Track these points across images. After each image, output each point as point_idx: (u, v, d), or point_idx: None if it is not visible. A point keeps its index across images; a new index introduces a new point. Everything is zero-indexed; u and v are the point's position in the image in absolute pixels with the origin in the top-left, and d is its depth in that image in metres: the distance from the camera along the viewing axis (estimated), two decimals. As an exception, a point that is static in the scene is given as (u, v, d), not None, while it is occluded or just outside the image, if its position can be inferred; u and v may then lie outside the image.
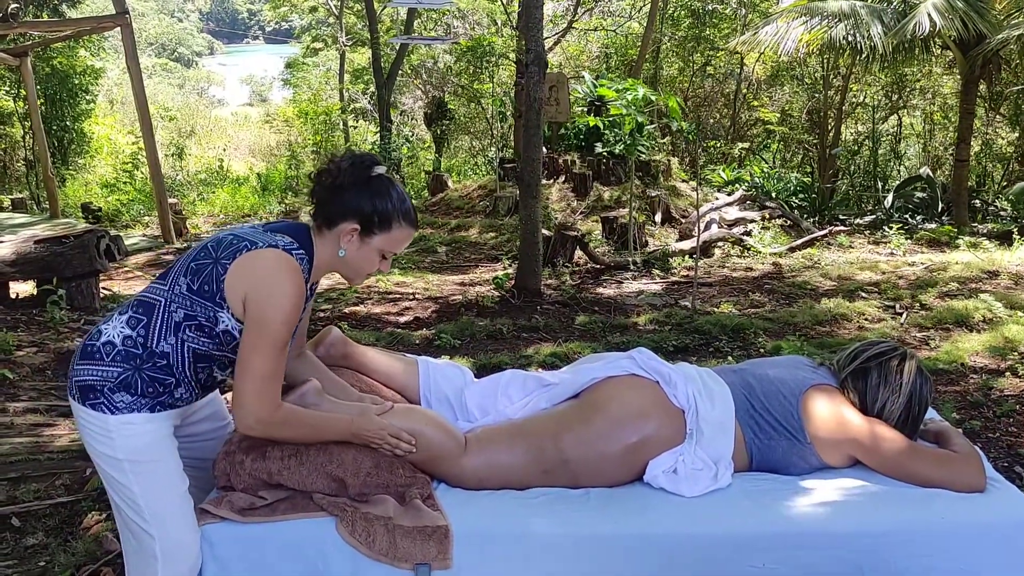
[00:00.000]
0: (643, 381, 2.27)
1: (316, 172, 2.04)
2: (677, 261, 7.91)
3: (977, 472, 2.13)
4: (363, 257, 2.02)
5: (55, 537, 2.98)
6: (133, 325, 1.95)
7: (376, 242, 2.00)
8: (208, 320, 1.93)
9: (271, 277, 1.89)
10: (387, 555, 1.98)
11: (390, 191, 2.00)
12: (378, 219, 1.98)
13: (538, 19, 6.20)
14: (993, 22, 9.49)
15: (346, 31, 18.05)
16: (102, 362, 1.93)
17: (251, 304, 1.89)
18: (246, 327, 1.90)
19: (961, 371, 4.45)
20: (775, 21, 10.65)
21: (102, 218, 10.80)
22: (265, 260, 1.91)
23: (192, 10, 59.48)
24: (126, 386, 1.92)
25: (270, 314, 1.88)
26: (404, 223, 2.02)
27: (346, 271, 2.06)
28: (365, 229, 1.99)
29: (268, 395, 1.91)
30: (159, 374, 1.94)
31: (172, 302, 1.94)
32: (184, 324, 1.93)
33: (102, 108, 17.07)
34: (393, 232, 2.01)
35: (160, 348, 1.93)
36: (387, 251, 2.03)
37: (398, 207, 2.00)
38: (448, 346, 5.14)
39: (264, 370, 1.89)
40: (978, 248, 8.31)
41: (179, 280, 1.94)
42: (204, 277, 1.92)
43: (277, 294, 1.89)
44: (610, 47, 15.77)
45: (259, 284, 1.89)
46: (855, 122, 14.04)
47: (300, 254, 1.95)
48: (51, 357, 4.92)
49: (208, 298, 1.92)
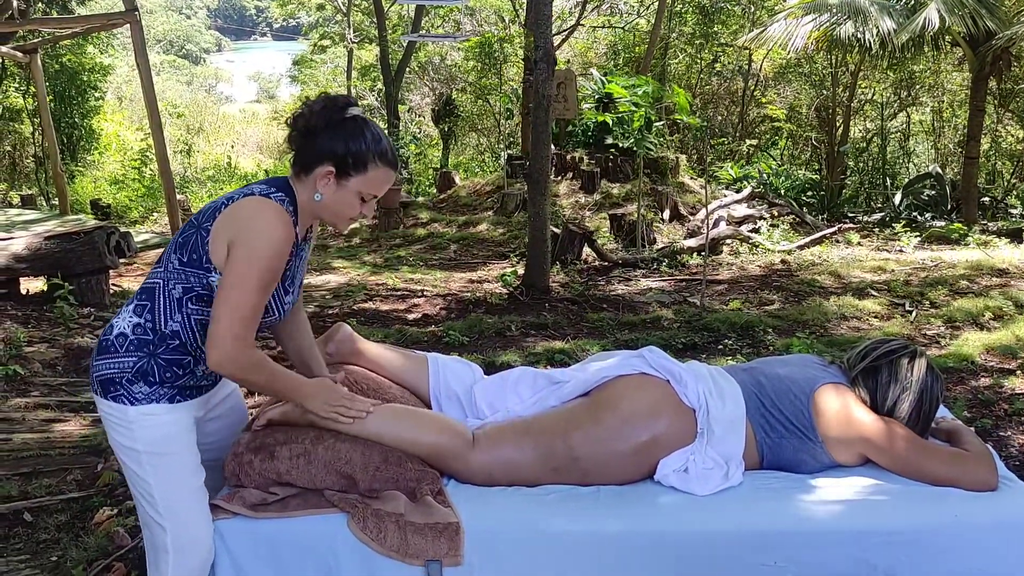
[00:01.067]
0: (654, 380, 2.27)
1: (291, 117, 2.02)
2: (685, 258, 7.89)
3: (989, 470, 2.12)
4: (341, 200, 1.98)
5: (67, 532, 3.00)
6: (139, 312, 1.96)
7: (353, 184, 1.97)
8: (204, 287, 1.93)
9: (253, 219, 1.88)
10: (398, 551, 1.99)
11: (364, 131, 1.97)
12: (352, 160, 1.95)
13: (547, 16, 6.20)
14: (1003, 18, 9.44)
15: (354, 28, 18.06)
16: (117, 354, 1.94)
17: (235, 247, 1.87)
18: (228, 266, 1.87)
19: (972, 369, 4.43)
20: (784, 17, 10.61)
21: (111, 214, 10.84)
22: (243, 207, 1.91)
23: (200, 7, 59.58)
24: (143, 375, 1.93)
25: (257, 250, 1.86)
26: (380, 163, 1.97)
27: (327, 216, 2.02)
28: (340, 171, 1.96)
29: (244, 334, 1.88)
30: (175, 355, 1.95)
31: (169, 281, 1.95)
32: (184, 298, 1.94)
33: (111, 105, 17.12)
34: (369, 173, 1.97)
35: (169, 328, 1.94)
36: (366, 193, 1.99)
37: (372, 147, 1.96)
38: (457, 343, 5.14)
39: (243, 306, 1.86)
40: (988, 246, 8.27)
41: (171, 258, 1.96)
42: (191, 247, 1.93)
43: (262, 231, 1.87)
44: (618, 44, 15.74)
45: (241, 227, 1.88)
46: (864, 119, 13.97)
47: (279, 196, 1.94)
48: (62, 353, 4.94)
49: (197, 265, 1.92)
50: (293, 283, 2.07)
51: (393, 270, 7.92)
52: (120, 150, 15.00)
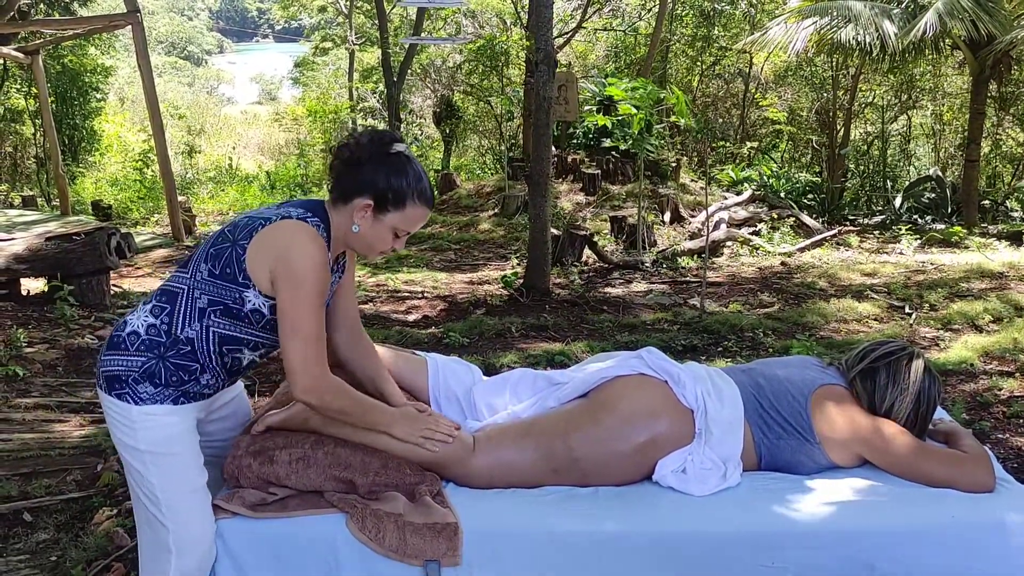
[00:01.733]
0: (652, 381, 2.27)
1: (336, 146, 2.05)
2: (686, 260, 7.90)
3: (986, 472, 2.13)
4: (376, 234, 2.01)
5: (66, 532, 3.01)
6: (156, 314, 1.98)
7: (389, 219, 1.99)
8: (235, 302, 1.95)
9: (290, 240, 1.91)
10: (397, 551, 1.99)
11: (407, 169, 1.99)
12: (392, 196, 1.97)
13: (548, 19, 6.21)
14: (1003, 22, 9.44)
15: (355, 30, 18.09)
16: (127, 352, 1.95)
17: (279, 272, 1.90)
18: (279, 294, 1.91)
19: (971, 372, 4.44)
20: (784, 21, 10.63)
21: (112, 216, 10.85)
22: (282, 230, 1.93)
23: (202, 8, 59.65)
24: (150, 376, 1.94)
25: (300, 273, 1.89)
26: (419, 202, 2.00)
27: (360, 246, 2.05)
28: (379, 206, 1.98)
29: (316, 356, 1.93)
30: (183, 361, 1.96)
31: (195, 289, 1.96)
32: (209, 310, 1.95)
33: (112, 106, 17.15)
34: (407, 210, 1.99)
35: (184, 334, 1.95)
36: (400, 229, 2.01)
37: (413, 186, 1.99)
38: (457, 344, 5.15)
39: (307, 330, 1.90)
40: (988, 249, 8.28)
41: (200, 267, 1.97)
42: (224, 260, 1.94)
43: (301, 254, 1.90)
44: (619, 46, 15.76)
45: (282, 251, 1.91)
46: (864, 122, 13.98)
47: (315, 221, 1.97)
48: (62, 354, 4.95)
49: (231, 280, 1.94)
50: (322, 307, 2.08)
51: (393, 271, 7.93)
52: (121, 151, 15.03)
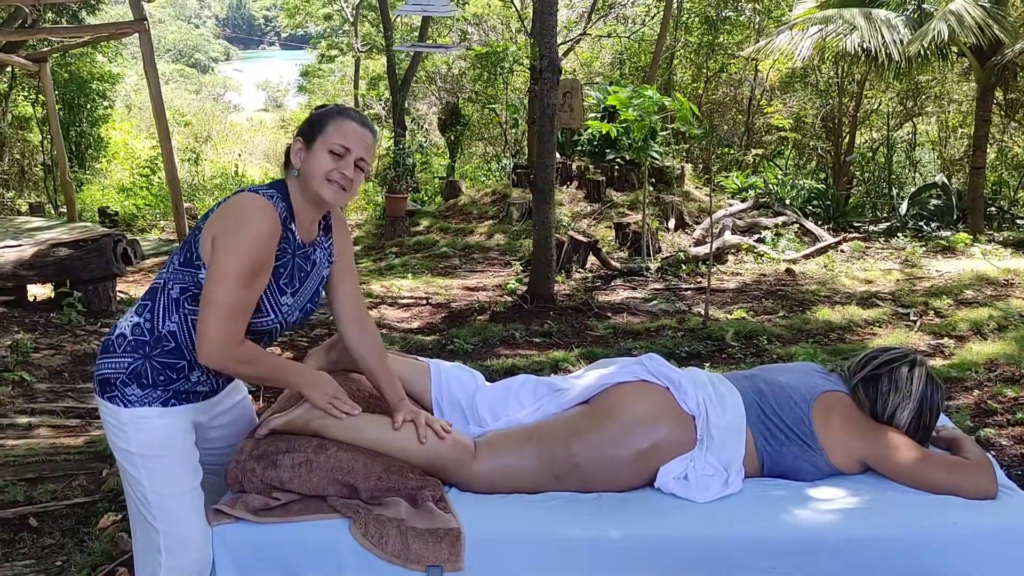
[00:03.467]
0: (653, 387, 2.28)
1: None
2: (690, 267, 7.90)
3: (989, 479, 2.13)
4: (314, 162, 1.98)
5: (72, 537, 3.02)
6: (140, 312, 2.00)
7: (319, 143, 1.99)
8: (197, 287, 1.95)
9: (235, 212, 1.92)
10: (399, 557, 2.00)
11: (329, 106, 2.05)
12: (314, 122, 2.01)
13: (551, 26, 6.22)
14: (1010, 29, 9.44)
15: (361, 38, 18.15)
16: (115, 354, 1.97)
17: (217, 241, 1.90)
18: (211, 262, 1.90)
19: (975, 379, 4.43)
20: (790, 28, 10.63)
21: (119, 222, 10.89)
22: (231, 203, 1.95)
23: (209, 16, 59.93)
24: (137, 377, 1.95)
25: (237, 244, 1.88)
26: (340, 117, 2.00)
27: (310, 185, 1.99)
28: (307, 138, 2.01)
29: (230, 328, 1.90)
30: (169, 358, 1.96)
31: (169, 281, 1.98)
32: (182, 299, 1.96)
33: (119, 113, 17.22)
34: (329, 128, 1.99)
35: (167, 328, 1.96)
36: (333, 146, 1.97)
37: (332, 109, 2.03)
38: (461, 351, 5.15)
39: (225, 302, 1.88)
40: (993, 255, 8.26)
41: (173, 259, 2.00)
42: (187, 247, 1.97)
43: (242, 225, 1.90)
44: (623, 53, 15.77)
45: (225, 222, 1.92)
46: (870, 129, 13.97)
47: (270, 192, 1.98)
48: (68, 360, 4.97)
49: (190, 264, 1.96)
50: (292, 284, 2.06)
51: (398, 278, 7.95)
52: (128, 158, 15.09)
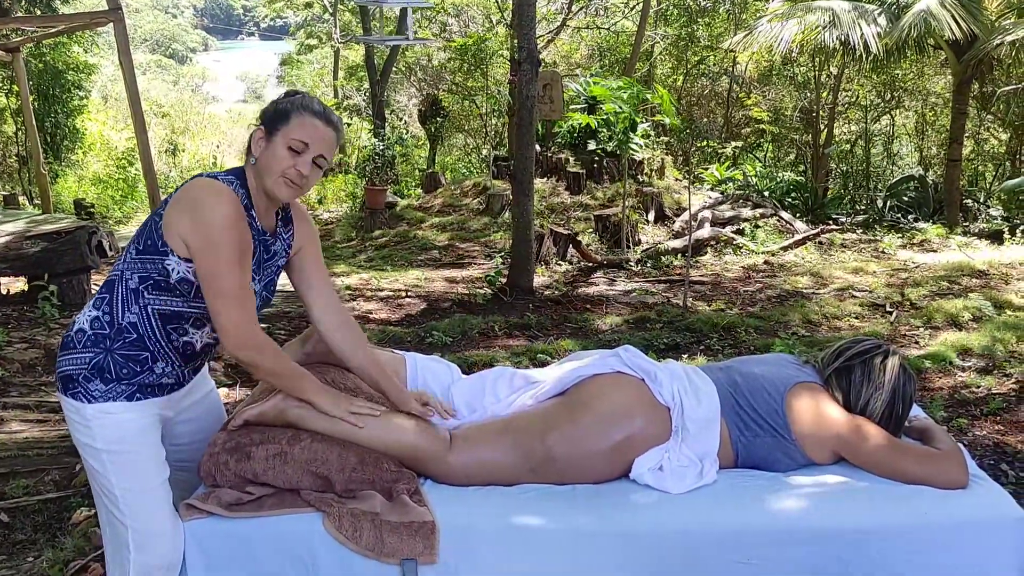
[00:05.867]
0: (629, 379, 2.28)
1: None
2: (669, 259, 7.92)
3: (960, 469, 2.15)
4: (272, 154, 1.96)
5: (44, 533, 2.99)
6: (98, 305, 1.97)
7: (279, 136, 1.96)
8: (160, 274, 1.92)
9: (199, 199, 1.90)
10: (373, 550, 1.99)
11: (292, 96, 2.01)
12: (276, 113, 1.98)
13: (531, 17, 6.21)
14: (985, 22, 9.52)
15: (341, 28, 18.03)
16: (75, 350, 1.94)
17: (192, 233, 1.88)
18: (196, 257, 1.89)
19: (949, 369, 4.47)
20: (767, 21, 10.67)
21: (94, 214, 10.77)
22: (189, 189, 1.93)
23: (186, 6, 59.27)
24: (99, 371, 1.92)
25: (214, 233, 1.87)
26: (303, 111, 1.97)
27: (266, 179, 1.97)
28: (268, 128, 1.98)
29: (245, 309, 1.92)
30: (131, 350, 1.94)
31: (127, 271, 1.95)
32: (141, 288, 1.93)
33: (95, 104, 17.02)
34: (291, 121, 1.96)
35: (126, 320, 1.94)
36: (293, 141, 1.95)
37: (296, 101, 1.99)
38: (440, 343, 5.14)
39: (229, 288, 1.89)
40: (969, 247, 8.34)
41: (129, 250, 1.97)
42: (145, 234, 1.94)
43: (211, 212, 1.88)
44: (603, 45, 15.77)
45: (192, 211, 1.89)
46: (848, 121, 14.06)
47: (227, 178, 1.96)
48: (41, 353, 4.91)
49: (153, 251, 1.92)
50: (258, 271, 2.05)
51: (377, 270, 7.91)
52: (104, 150, 14.92)
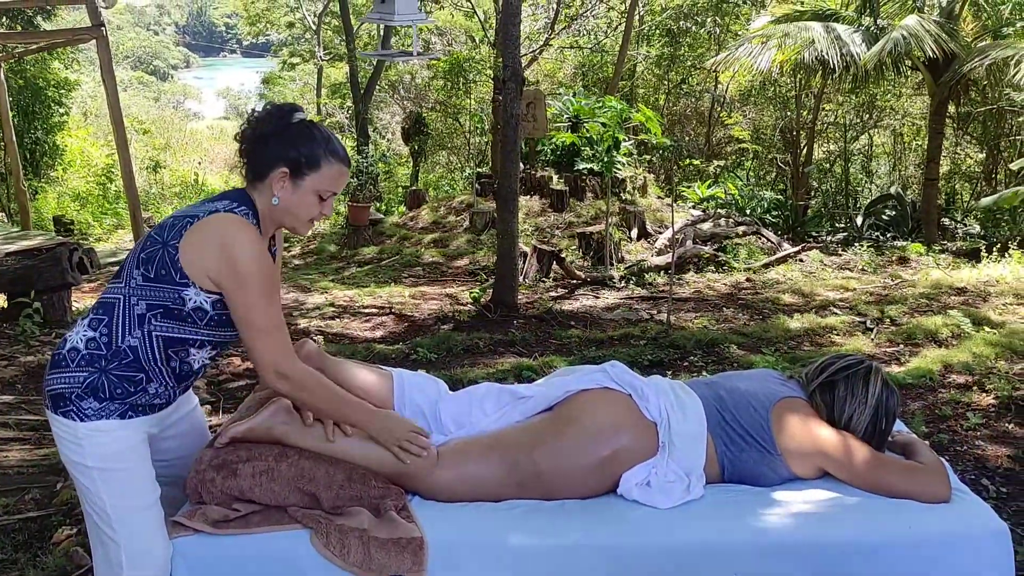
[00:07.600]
0: (616, 394, 2.29)
1: (238, 133, 2.07)
2: (653, 276, 7.97)
3: (942, 483, 2.17)
4: (300, 201, 2.00)
5: (25, 552, 2.95)
6: (95, 326, 1.96)
7: (308, 183, 1.99)
8: (175, 303, 1.93)
9: (226, 237, 1.91)
10: (362, 567, 1.98)
11: (312, 133, 2.01)
12: (305, 159, 1.99)
13: (515, 36, 6.25)
14: (963, 43, 9.70)
15: (323, 46, 18.07)
16: (68, 369, 1.93)
17: (222, 271, 1.90)
18: (229, 294, 1.92)
19: (930, 385, 4.52)
20: (749, 41, 10.81)
21: (75, 231, 10.70)
22: (213, 226, 1.93)
23: (168, 23, 59.16)
24: (93, 391, 1.91)
25: (244, 270, 1.90)
26: (333, 159, 2.01)
27: (287, 219, 2.04)
28: (295, 172, 1.99)
29: (282, 345, 1.97)
30: (127, 372, 1.94)
31: (131, 296, 1.94)
32: (148, 315, 1.93)
33: (76, 120, 16.91)
34: (323, 170, 2.00)
35: (126, 344, 1.93)
36: (323, 191, 2.01)
37: (324, 146, 2.00)
38: (425, 360, 5.14)
39: (266, 323, 1.94)
40: (947, 265, 8.44)
41: (133, 274, 1.95)
42: (158, 263, 1.93)
43: (240, 249, 1.90)
44: (586, 64, 15.90)
45: (219, 249, 1.91)
46: (827, 141, 14.24)
47: (243, 210, 1.98)
48: (21, 371, 4.87)
49: (167, 281, 1.92)
50: None
51: (361, 287, 7.90)
52: (85, 166, 14.82)
